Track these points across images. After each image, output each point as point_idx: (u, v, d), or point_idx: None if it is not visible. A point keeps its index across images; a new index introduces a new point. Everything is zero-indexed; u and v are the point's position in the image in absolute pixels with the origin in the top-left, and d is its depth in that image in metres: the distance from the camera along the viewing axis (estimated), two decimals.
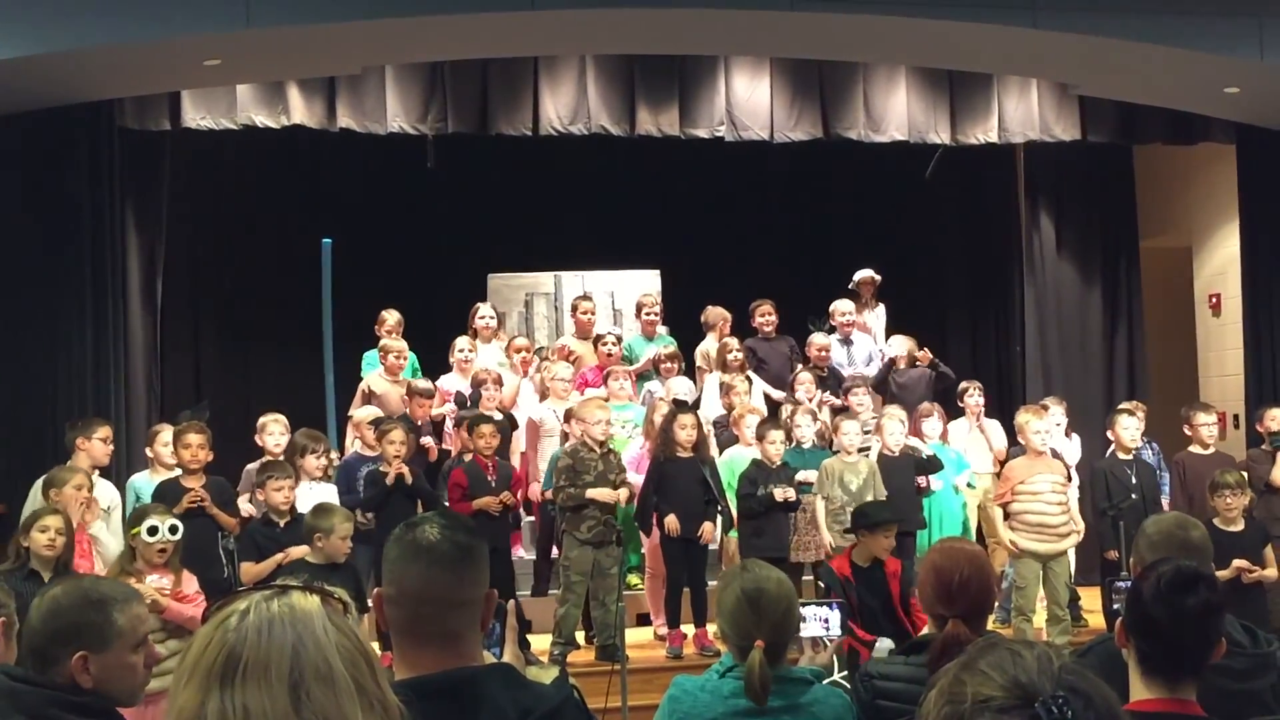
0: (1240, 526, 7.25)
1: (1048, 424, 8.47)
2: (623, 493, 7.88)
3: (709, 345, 9.99)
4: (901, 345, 9.90)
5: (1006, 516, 8.26)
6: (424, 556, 2.25)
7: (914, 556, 7.59)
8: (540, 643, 7.94)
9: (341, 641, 1.42)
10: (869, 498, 7.96)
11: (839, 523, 8.01)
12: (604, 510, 7.82)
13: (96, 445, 7.36)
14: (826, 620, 3.64)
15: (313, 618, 1.43)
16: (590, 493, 7.77)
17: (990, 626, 3.73)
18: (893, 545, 6.58)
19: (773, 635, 3.12)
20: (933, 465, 8.47)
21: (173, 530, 5.87)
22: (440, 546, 2.25)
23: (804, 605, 3.63)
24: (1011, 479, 8.27)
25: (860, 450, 8.52)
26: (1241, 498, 7.32)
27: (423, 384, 9.08)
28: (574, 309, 10.19)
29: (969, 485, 9.07)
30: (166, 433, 7.80)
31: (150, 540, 5.80)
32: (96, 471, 7.29)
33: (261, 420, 8.23)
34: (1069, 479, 8.51)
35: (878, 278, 10.80)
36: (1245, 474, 7.83)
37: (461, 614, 2.24)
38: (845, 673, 6.09)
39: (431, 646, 2.22)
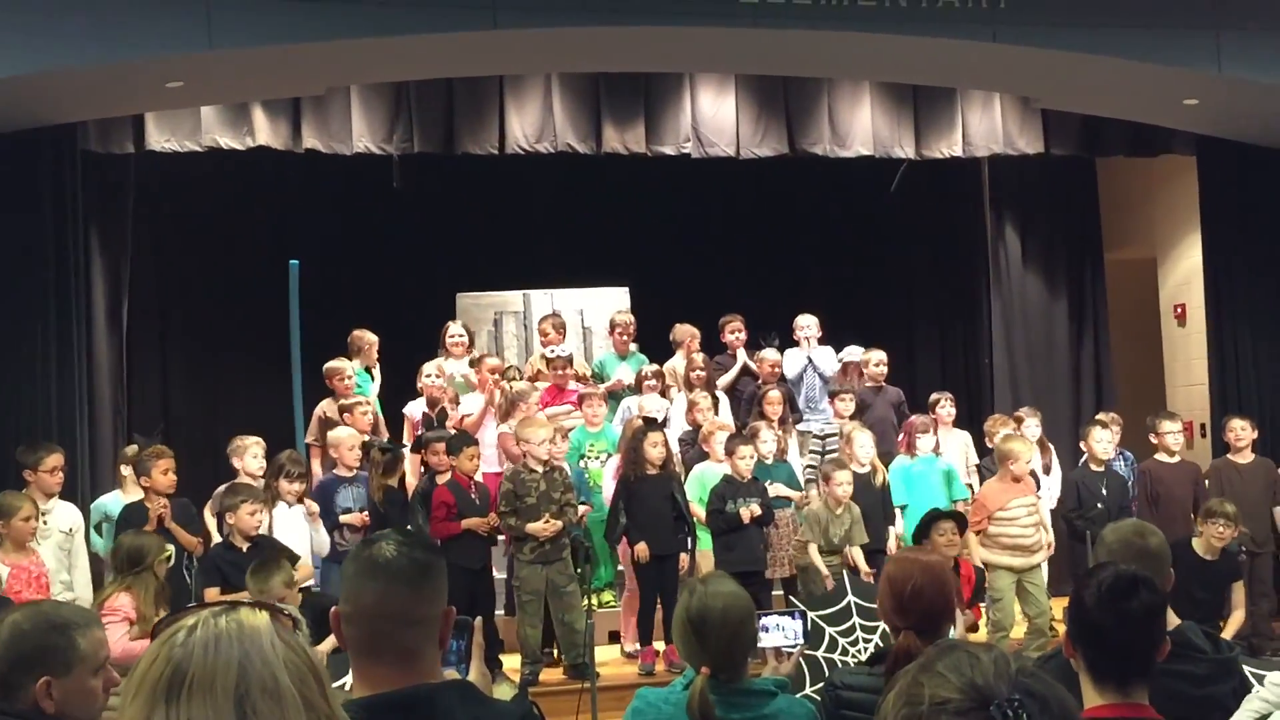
0: (1215, 556, 7.12)
1: (1030, 450, 8.48)
2: (556, 525, 7.77)
3: (677, 363, 9.99)
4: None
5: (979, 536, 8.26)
6: (381, 573, 2.24)
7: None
8: (511, 662, 7.92)
9: (290, 657, 1.42)
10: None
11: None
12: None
13: (43, 478, 7.26)
14: (789, 630, 3.63)
15: (261, 634, 1.42)
16: (529, 527, 7.73)
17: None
18: (953, 542, 6.80)
19: (719, 659, 3.10)
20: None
21: None
22: (397, 563, 2.24)
23: (766, 615, 3.62)
24: (988, 506, 8.22)
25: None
26: (1232, 531, 7.17)
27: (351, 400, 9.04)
28: (542, 332, 10.17)
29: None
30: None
31: (168, 566, 5.93)
32: (53, 499, 7.21)
33: (241, 441, 8.13)
34: (1037, 493, 8.51)
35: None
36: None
37: (419, 631, 2.23)
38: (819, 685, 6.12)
39: (388, 664, 2.21)
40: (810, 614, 6.91)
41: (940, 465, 8.99)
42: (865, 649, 6.91)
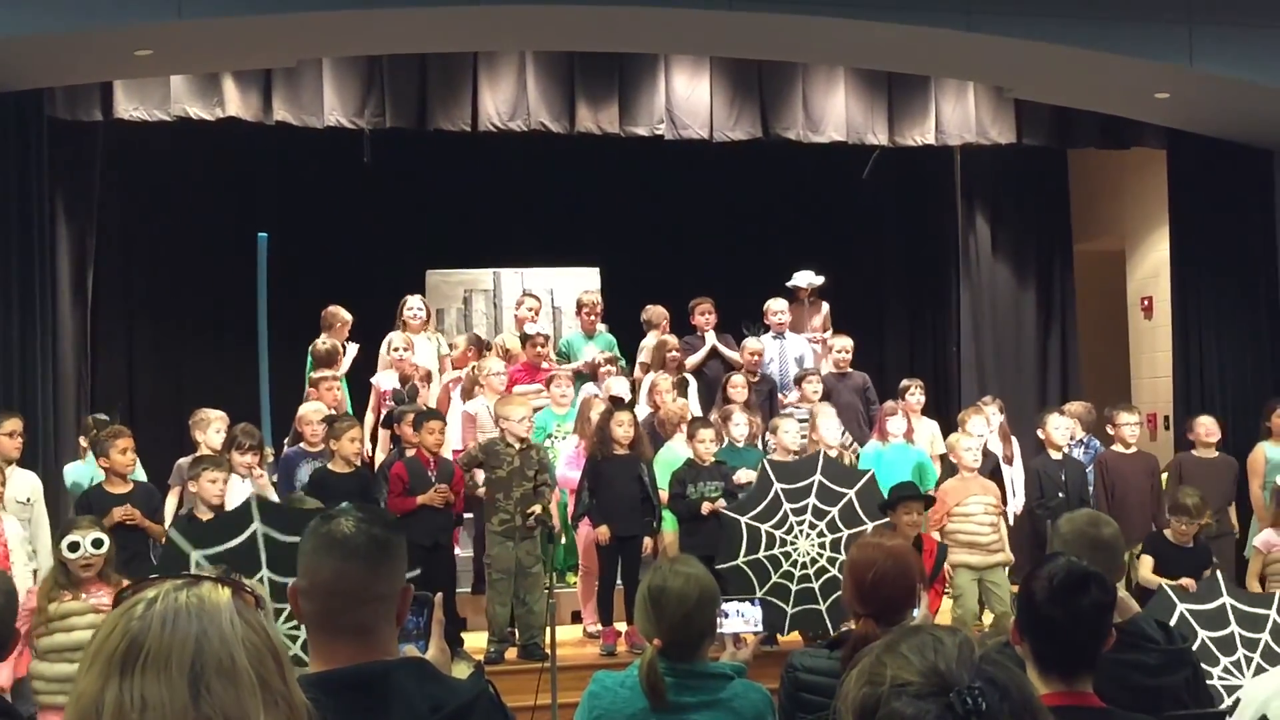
0: (1188, 542, 7.63)
1: (977, 441, 8.54)
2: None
3: (651, 343, 9.97)
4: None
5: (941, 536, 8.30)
6: (338, 549, 2.23)
7: None
8: (477, 640, 7.92)
9: (249, 636, 1.41)
10: None
11: None
12: (518, 504, 7.80)
13: (2, 441, 7.19)
14: (748, 617, 3.64)
15: (220, 610, 1.41)
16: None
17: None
18: (916, 524, 6.84)
19: (672, 634, 3.12)
20: None
21: (96, 544, 5.72)
22: (355, 539, 2.24)
23: (726, 601, 3.63)
24: (946, 503, 8.29)
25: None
26: (1194, 527, 7.62)
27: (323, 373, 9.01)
28: (518, 305, 10.18)
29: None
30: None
31: (72, 556, 5.68)
32: (10, 466, 7.15)
33: (203, 414, 8.08)
34: (1003, 501, 8.54)
35: (816, 281, 10.79)
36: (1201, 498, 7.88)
37: (375, 608, 2.23)
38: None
39: (344, 640, 2.20)
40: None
41: (913, 454, 9.01)
42: (808, 532, 7.06)
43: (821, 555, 7.18)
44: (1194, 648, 5.12)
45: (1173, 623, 5.17)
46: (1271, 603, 5.41)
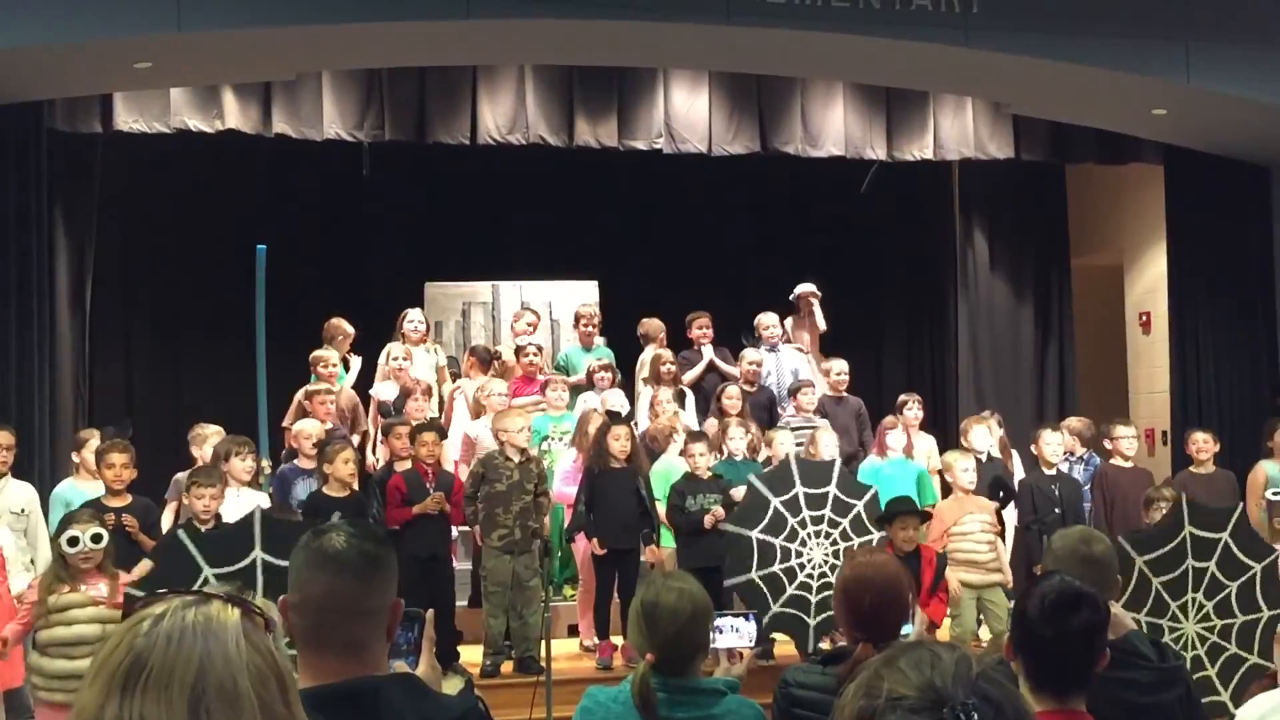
0: None
1: (972, 461, 8.52)
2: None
3: (648, 356, 9.96)
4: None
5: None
6: (329, 564, 2.23)
7: None
8: (473, 654, 7.90)
9: (254, 659, 1.39)
10: None
11: None
12: (517, 518, 7.79)
13: None
14: (743, 632, 3.64)
15: (227, 631, 1.39)
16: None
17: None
18: (914, 536, 6.89)
19: (665, 649, 3.10)
20: None
21: (95, 539, 5.81)
22: (346, 554, 2.24)
23: (719, 616, 3.62)
24: (944, 522, 8.27)
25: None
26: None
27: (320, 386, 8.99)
28: (516, 320, 10.18)
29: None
30: (94, 440, 7.66)
31: (71, 551, 5.76)
32: (5, 478, 7.12)
33: (201, 430, 8.07)
34: (999, 520, 8.51)
35: (818, 293, 10.80)
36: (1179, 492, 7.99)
37: (365, 623, 2.23)
38: None
39: (334, 655, 2.20)
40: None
41: (913, 468, 8.99)
42: (821, 542, 7.05)
43: (839, 563, 7.17)
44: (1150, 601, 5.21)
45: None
46: (1227, 524, 5.37)
